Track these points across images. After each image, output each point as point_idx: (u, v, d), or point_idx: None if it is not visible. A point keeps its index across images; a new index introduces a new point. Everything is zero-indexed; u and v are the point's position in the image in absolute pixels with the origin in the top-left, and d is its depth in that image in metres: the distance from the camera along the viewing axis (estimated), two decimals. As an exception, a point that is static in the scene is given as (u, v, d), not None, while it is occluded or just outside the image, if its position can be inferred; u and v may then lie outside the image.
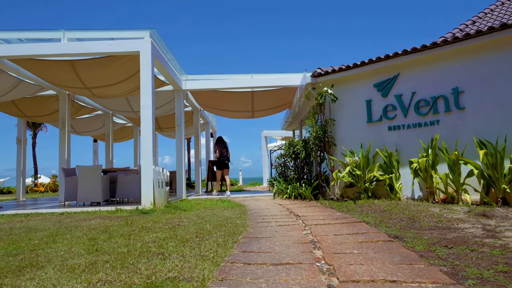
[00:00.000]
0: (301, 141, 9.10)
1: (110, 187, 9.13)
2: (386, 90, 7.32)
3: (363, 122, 7.65)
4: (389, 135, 7.26)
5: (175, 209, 6.87)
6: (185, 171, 15.45)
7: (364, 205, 6.06)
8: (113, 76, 8.29)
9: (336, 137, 8.09)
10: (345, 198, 7.67)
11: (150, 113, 7.24)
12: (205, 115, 15.33)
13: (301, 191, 8.11)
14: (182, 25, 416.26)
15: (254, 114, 12.24)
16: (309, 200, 7.86)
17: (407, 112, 7.02)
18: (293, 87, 10.44)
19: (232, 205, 7.72)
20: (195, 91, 11.01)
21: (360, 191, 7.27)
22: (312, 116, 8.18)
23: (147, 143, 7.16)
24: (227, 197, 9.84)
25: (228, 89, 10.72)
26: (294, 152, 9.08)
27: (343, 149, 7.86)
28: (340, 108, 8.04)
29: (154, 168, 7.06)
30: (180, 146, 10.30)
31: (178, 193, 10.11)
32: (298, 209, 6.16)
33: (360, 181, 7.27)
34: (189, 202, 8.65)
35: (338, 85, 7.98)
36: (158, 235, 4.00)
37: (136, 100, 11.13)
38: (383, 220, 4.44)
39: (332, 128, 8.15)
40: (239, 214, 5.68)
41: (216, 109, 12.07)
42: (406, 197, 6.91)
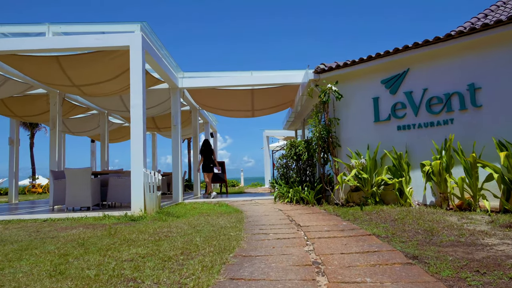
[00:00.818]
0: (304, 142, 8.57)
1: (101, 190, 8.65)
2: (395, 87, 6.78)
3: (370, 121, 7.12)
4: (398, 136, 6.72)
5: (167, 216, 6.37)
6: (184, 172, 14.97)
7: (372, 212, 5.53)
8: (102, 73, 7.80)
9: (341, 137, 7.56)
10: (351, 203, 7.14)
11: (140, 112, 6.74)
12: (204, 114, 14.84)
13: (304, 195, 7.58)
14: (179, 26, 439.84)
15: (254, 113, 11.72)
16: (312, 205, 7.33)
17: (418, 110, 6.47)
18: (295, 85, 9.91)
19: (230, 210, 7.21)
20: (192, 89, 10.51)
21: (367, 195, 6.74)
22: (315, 115, 7.66)
23: (137, 144, 6.66)
24: (211, 200, 9.34)
25: (227, 87, 10.21)
26: (296, 153, 8.56)
27: (348, 151, 7.33)
28: (345, 106, 7.51)
29: (145, 171, 6.56)
30: (176, 147, 9.80)
31: (174, 196, 9.62)
32: (300, 216, 5.64)
33: (367, 185, 6.74)
34: (184, 207, 8.15)
35: (342, 82, 7.45)
36: (138, 251, 3.49)
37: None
38: (395, 233, 3.91)
39: (336, 128, 7.62)
40: (234, 223, 5.17)
41: (214, 108, 11.56)
42: (417, 202, 6.37)
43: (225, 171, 13.68)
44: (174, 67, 9.55)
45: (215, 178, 13.44)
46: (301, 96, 9.42)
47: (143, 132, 6.72)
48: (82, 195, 7.74)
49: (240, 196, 11.03)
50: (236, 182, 24.85)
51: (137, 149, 6.65)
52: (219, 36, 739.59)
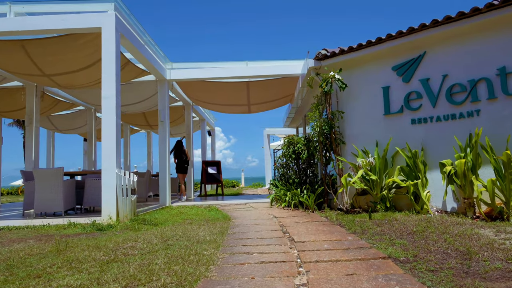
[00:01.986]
0: (303, 139, 7.63)
1: (78, 193, 7.77)
2: (409, 74, 5.82)
3: (379, 114, 6.16)
4: (412, 130, 5.75)
5: (142, 224, 5.46)
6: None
7: (383, 222, 4.57)
8: (75, 60, 6.91)
9: (345, 133, 6.61)
10: (357, 208, 6.19)
11: (113, 104, 5.84)
12: (200, 111, 13.93)
13: (303, 199, 6.64)
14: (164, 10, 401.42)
15: (250, 108, 10.78)
16: (312, 211, 6.39)
17: (437, 100, 5.50)
18: (294, 77, 8.98)
19: (218, 216, 6.30)
20: (182, 82, 9.60)
21: (376, 200, 5.79)
22: (315, 108, 6.71)
23: (109, 141, 5.76)
24: (201, 203, 8.42)
25: (220, 79, 9.30)
26: (295, 151, 7.62)
27: (354, 148, 6.38)
28: (350, 97, 6.55)
29: (118, 172, 5.66)
30: (163, 145, 8.90)
31: (161, 200, 8.72)
32: (296, 226, 4.70)
33: (376, 188, 5.78)
34: (169, 212, 7.25)
35: (347, 69, 6.50)
36: (71, 281, 2.58)
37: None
38: (418, 254, 2.96)
39: (340, 123, 6.67)
40: (216, 235, 4.25)
41: (207, 103, 10.64)
42: (435, 209, 5.40)
43: (220, 171, 12.77)
44: (161, 57, 8.65)
45: (210, 179, 12.54)
46: (301, 88, 8.47)
47: (116, 127, 5.82)
48: (53, 198, 6.85)
49: (235, 199, 10.11)
50: (236, 182, 23.93)
51: (109, 146, 5.75)
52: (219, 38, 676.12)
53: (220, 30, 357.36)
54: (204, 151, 15.32)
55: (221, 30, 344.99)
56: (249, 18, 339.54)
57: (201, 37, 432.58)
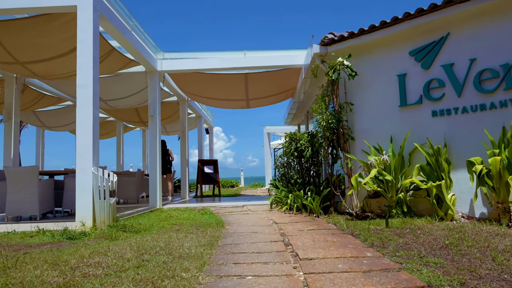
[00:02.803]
0: (307, 134, 6.89)
1: (58, 194, 7.03)
2: (429, 59, 5.07)
3: (394, 105, 5.42)
4: (433, 124, 5.01)
5: (121, 231, 4.72)
6: (173, 171, 13.39)
7: (404, 231, 3.83)
8: (50, 45, 6.17)
9: (354, 128, 5.86)
10: (368, 213, 5.45)
11: (89, 93, 5.09)
12: (197, 107, 13.18)
13: (306, 202, 5.90)
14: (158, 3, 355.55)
15: (249, 103, 10.03)
16: (317, 216, 5.65)
17: (463, 89, 4.76)
18: (297, 68, 8.23)
19: (210, 221, 5.57)
20: (174, 74, 8.86)
21: (391, 204, 5.05)
22: (321, 100, 5.96)
23: (84, 135, 5.02)
24: (195, 205, 7.68)
25: (216, 71, 8.55)
26: (297, 148, 6.88)
27: (365, 145, 5.64)
28: (360, 87, 5.81)
29: (94, 171, 4.92)
30: (154, 141, 8.16)
31: (151, 201, 7.98)
32: (300, 236, 3.96)
33: (391, 190, 5.04)
34: (157, 216, 6.53)
35: (357, 56, 5.75)
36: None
37: (102, 84, 9.03)
38: (466, 282, 2.22)
39: (349, 116, 5.93)
40: (203, 247, 3.51)
41: (202, 97, 9.88)
42: (461, 214, 4.66)
43: (217, 171, 12.03)
44: (151, 46, 7.91)
45: (206, 179, 11.80)
46: (304, 80, 7.73)
47: (93, 120, 5.08)
48: (27, 201, 6.12)
49: (233, 200, 9.37)
50: (235, 182, 23.19)
51: (85, 142, 5.01)
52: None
53: (216, 26, 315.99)
54: (201, 150, 14.58)
55: (218, 26, 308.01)
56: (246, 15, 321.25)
57: (196, 33, 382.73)
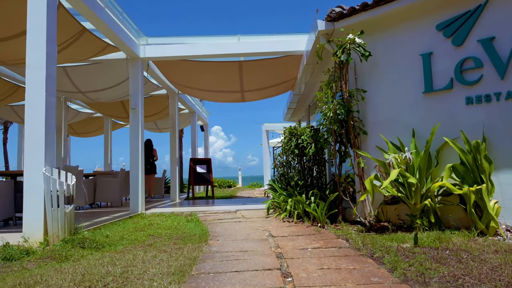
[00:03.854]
0: (309, 129, 5.93)
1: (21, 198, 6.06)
2: (462, 33, 4.10)
3: (417, 92, 4.44)
4: (468, 113, 4.04)
5: (77, 248, 3.75)
6: (163, 171, 12.44)
7: (443, 253, 2.86)
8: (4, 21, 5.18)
9: (367, 120, 4.89)
10: (384, 222, 4.50)
11: (41, 76, 4.10)
12: (190, 102, 12.20)
13: (310, 209, 4.92)
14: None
15: (244, 95, 9.05)
16: (322, 226, 4.68)
17: (507, 69, 3.79)
18: (297, 55, 7.27)
19: (194, 232, 4.62)
20: (160, 62, 7.89)
21: (414, 212, 4.08)
22: (327, 87, 4.99)
23: (35, 129, 4.04)
24: (182, 210, 6.71)
25: (206, 57, 7.58)
26: (298, 145, 5.91)
27: (381, 139, 4.67)
28: (375, 71, 4.84)
29: (47, 173, 3.94)
30: (135, 137, 7.19)
31: (132, 205, 7.02)
32: (303, 258, 2.99)
33: (415, 196, 4.07)
34: (136, 223, 5.58)
35: (371, 33, 4.78)
36: None
37: (78, 73, 8.06)
38: None
39: (360, 106, 4.95)
40: (171, 277, 2.55)
41: (192, 88, 8.89)
42: (505, 227, 3.70)
43: (211, 170, 11.06)
44: (132, 29, 6.94)
45: (199, 179, 10.83)
46: (305, 67, 6.76)
47: (46, 109, 4.09)
48: (-22, 206, 5.16)
49: (226, 203, 8.41)
50: (233, 182, 22.24)
51: (35, 135, 4.03)
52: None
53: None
54: (194, 148, 13.59)
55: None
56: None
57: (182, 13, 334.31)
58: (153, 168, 10.13)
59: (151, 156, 10.08)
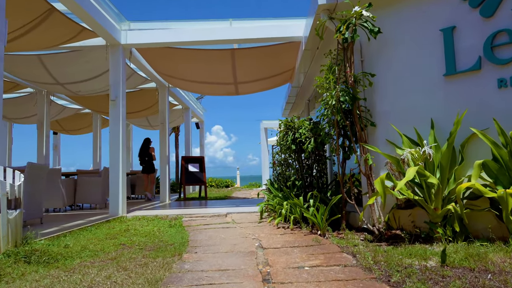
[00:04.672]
0: (308, 121, 5.22)
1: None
2: (493, 2, 3.38)
3: (436, 74, 3.72)
4: (502, 99, 3.32)
5: (20, 263, 3.04)
6: (155, 170, 11.80)
7: (483, 278, 2.14)
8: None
9: (376, 109, 4.17)
10: (396, 230, 3.79)
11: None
12: (183, 97, 11.48)
13: (308, 214, 4.20)
14: None
15: (238, 88, 8.32)
16: (323, 234, 3.96)
17: (551, 42, 3.07)
18: (295, 41, 6.57)
19: (171, 241, 3.92)
20: (145, 49, 7.17)
21: (434, 219, 3.36)
22: (328, 71, 4.27)
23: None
24: (167, 213, 6.00)
25: (195, 45, 6.87)
26: (295, 140, 5.19)
27: (392, 132, 3.95)
28: (384, 51, 4.12)
29: (-14, 169, 3.23)
30: (116, 132, 6.49)
31: (112, 208, 6.32)
32: (297, 279, 2.28)
33: (436, 199, 3.35)
34: (110, 229, 4.88)
35: (380, 7, 4.06)
36: None
37: (55, 62, 7.34)
38: None
39: (367, 93, 4.23)
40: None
41: (181, 80, 8.17)
42: (550, 238, 2.98)
43: (204, 169, 10.35)
44: (111, 12, 6.23)
45: (190, 179, 10.12)
46: (304, 54, 6.05)
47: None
48: None
49: (218, 205, 7.70)
50: (230, 182, 21.53)
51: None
52: None
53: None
54: (188, 146, 12.87)
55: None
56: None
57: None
58: (150, 167, 9.78)
59: (148, 155, 9.78)
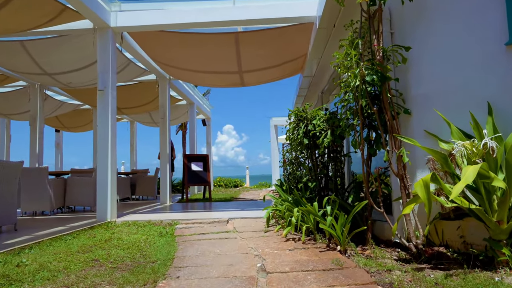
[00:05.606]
0: (323, 111, 4.37)
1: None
2: None
3: (494, 45, 2.83)
4: None
5: None
6: (156, 169, 11.11)
7: None
8: None
9: (410, 92, 3.29)
10: (439, 247, 2.92)
11: None
12: (187, 91, 10.73)
13: (325, 225, 3.34)
14: None
15: (243, 78, 7.49)
16: (344, 252, 3.10)
17: None
18: (308, 23, 5.74)
19: (154, 258, 3.15)
20: (140, 34, 6.41)
21: (498, 236, 2.48)
22: (350, 45, 3.41)
23: None
24: (161, 218, 5.20)
25: (194, 27, 6.08)
26: (308, 133, 4.33)
27: (432, 121, 3.07)
28: (422, 18, 3.24)
29: None
30: (104, 127, 5.75)
31: (99, 212, 5.60)
32: None
33: (501, 209, 2.47)
34: (88, 239, 4.16)
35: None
36: None
37: (39, 48, 6.64)
38: None
39: (399, 73, 3.36)
40: None
41: (180, 69, 7.37)
42: None
43: (208, 169, 9.57)
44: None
45: (194, 178, 9.35)
46: (318, 33, 5.19)
47: None
48: None
49: (221, 209, 6.90)
50: (239, 181, 20.79)
51: None
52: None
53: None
54: (193, 144, 12.10)
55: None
56: None
57: None
58: (171, 166, 9.69)
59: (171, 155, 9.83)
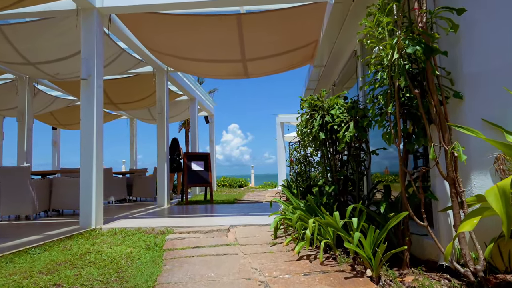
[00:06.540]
0: (343, 100, 3.61)
1: None
2: None
3: None
4: None
5: None
6: (154, 168, 10.42)
7: None
8: None
9: (462, 71, 2.52)
10: (506, 275, 2.14)
11: None
12: (188, 87, 10.01)
13: (352, 245, 2.59)
14: None
15: (247, 67, 6.71)
16: (376, 280, 2.35)
17: None
18: (320, 2, 4.97)
19: (133, 283, 2.41)
20: (128, 16, 5.70)
21: None
22: (381, 12, 2.65)
23: None
24: (152, 225, 4.48)
25: (190, 7, 5.35)
26: (325, 125, 3.57)
27: (493, 107, 2.31)
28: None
29: None
30: (89, 120, 5.04)
31: (82, 218, 4.90)
32: None
33: None
34: (67, 250, 3.53)
35: None
36: None
37: (19, 34, 5.95)
38: None
39: (447, 45, 2.60)
40: None
41: (176, 57, 6.62)
42: None
43: (210, 168, 8.84)
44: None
45: (194, 178, 8.63)
46: (333, 9, 4.43)
47: None
48: None
49: (223, 213, 6.17)
50: (244, 181, 20.08)
51: None
52: None
53: None
54: (194, 142, 11.38)
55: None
56: None
57: None
58: (179, 166, 9.83)
59: (178, 155, 9.85)
